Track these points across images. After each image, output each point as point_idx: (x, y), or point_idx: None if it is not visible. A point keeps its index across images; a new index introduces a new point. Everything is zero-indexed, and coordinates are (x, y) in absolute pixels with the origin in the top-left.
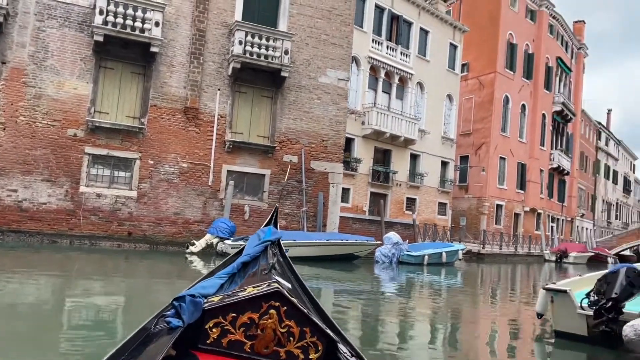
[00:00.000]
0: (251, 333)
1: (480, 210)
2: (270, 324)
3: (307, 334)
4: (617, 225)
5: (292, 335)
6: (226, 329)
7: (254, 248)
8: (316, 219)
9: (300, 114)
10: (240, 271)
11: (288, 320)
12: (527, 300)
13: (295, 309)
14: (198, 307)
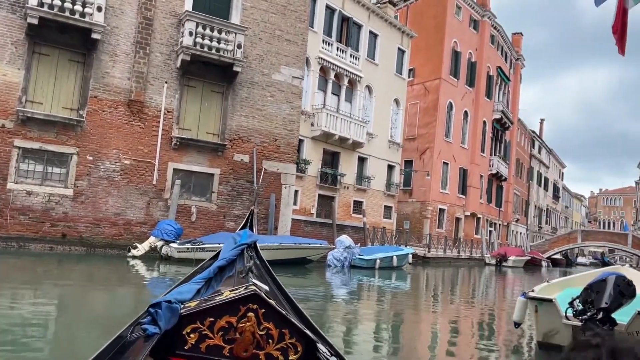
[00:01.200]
0: (230, 337)
1: (424, 214)
2: (249, 327)
3: (286, 335)
4: (547, 230)
5: (271, 337)
6: (204, 334)
7: (230, 252)
8: (267, 221)
9: (252, 111)
10: (217, 275)
11: (266, 323)
12: (492, 307)
13: (273, 311)
14: (175, 313)
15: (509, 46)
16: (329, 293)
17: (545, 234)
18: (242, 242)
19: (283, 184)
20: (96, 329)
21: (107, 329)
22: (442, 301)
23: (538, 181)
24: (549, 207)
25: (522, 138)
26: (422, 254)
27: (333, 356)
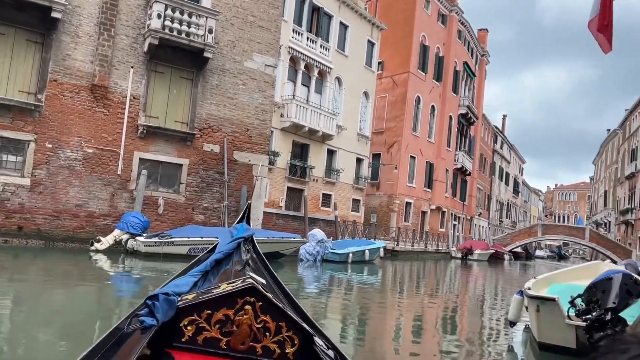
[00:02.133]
0: (227, 329)
1: (391, 208)
2: (246, 319)
3: (283, 328)
4: (507, 224)
5: (268, 330)
6: (201, 327)
7: (226, 245)
8: (238, 214)
9: (223, 99)
10: (214, 269)
11: (263, 316)
12: (479, 303)
13: (270, 304)
14: (172, 306)
15: (475, 42)
16: (301, 288)
17: (506, 228)
18: (239, 235)
19: (254, 176)
20: (53, 329)
21: (65, 329)
22: (423, 296)
23: (500, 176)
24: (510, 201)
25: (485, 133)
26: (391, 247)
27: (330, 349)
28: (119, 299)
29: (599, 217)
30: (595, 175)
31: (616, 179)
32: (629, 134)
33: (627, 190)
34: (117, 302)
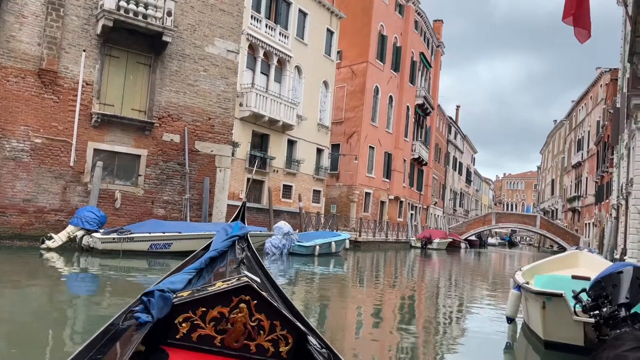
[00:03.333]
0: (221, 327)
1: (351, 198)
2: (241, 317)
3: (277, 327)
4: (461, 213)
5: (263, 328)
6: (196, 324)
7: (221, 243)
8: (201, 207)
9: (183, 86)
10: (208, 266)
11: (258, 314)
12: (467, 298)
13: (265, 302)
14: (167, 302)
15: (430, 32)
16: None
17: (459, 217)
18: (233, 233)
19: (217, 167)
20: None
21: (13, 334)
22: (398, 287)
23: (454, 166)
24: (463, 190)
25: (440, 124)
26: (353, 238)
27: (324, 349)
28: (74, 300)
29: (546, 205)
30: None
31: (563, 168)
32: (575, 124)
33: (573, 178)
34: (72, 303)
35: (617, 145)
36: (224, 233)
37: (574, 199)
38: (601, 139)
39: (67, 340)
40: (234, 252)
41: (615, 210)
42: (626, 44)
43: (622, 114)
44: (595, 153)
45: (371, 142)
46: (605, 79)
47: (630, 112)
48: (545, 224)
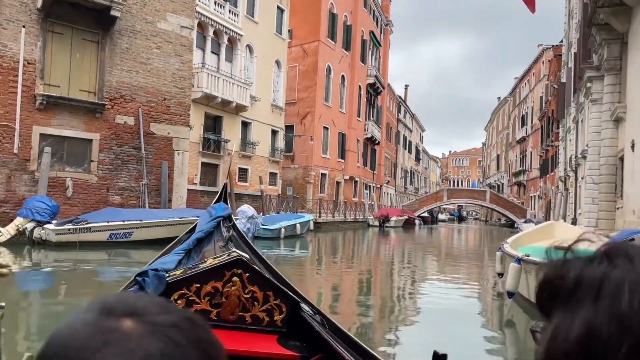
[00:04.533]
0: (216, 301)
1: (307, 180)
2: (234, 290)
3: (270, 297)
4: (411, 191)
5: (256, 299)
6: (191, 300)
7: (206, 224)
8: (159, 193)
9: (135, 65)
10: (196, 247)
11: (251, 286)
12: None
13: (257, 274)
14: (162, 281)
15: (379, 11)
16: None
17: (410, 194)
18: (217, 214)
19: (175, 150)
20: None
21: None
22: (372, 264)
23: (404, 145)
24: (412, 168)
25: (390, 103)
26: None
27: (317, 314)
28: (25, 299)
29: (492, 180)
30: (487, 140)
31: (508, 143)
32: (518, 100)
33: (518, 153)
34: (22, 303)
35: (563, 119)
36: (208, 215)
37: (519, 173)
38: (545, 114)
39: (18, 346)
40: (220, 232)
41: (563, 182)
42: (571, 20)
43: (567, 88)
44: (539, 128)
45: (325, 122)
46: (548, 55)
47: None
48: (494, 198)
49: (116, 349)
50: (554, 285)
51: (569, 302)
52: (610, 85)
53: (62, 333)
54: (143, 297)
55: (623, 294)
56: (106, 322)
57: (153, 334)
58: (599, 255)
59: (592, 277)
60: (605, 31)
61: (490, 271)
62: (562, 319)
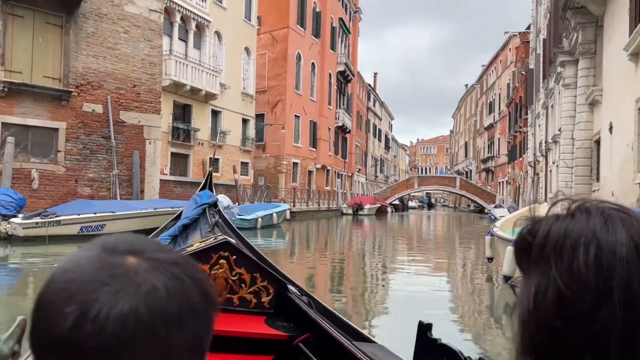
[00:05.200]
0: None
1: (279, 169)
2: (222, 273)
3: (257, 279)
4: (381, 179)
5: (244, 281)
6: None
7: (192, 211)
8: (131, 184)
9: (102, 50)
10: (182, 233)
11: (238, 268)
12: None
13: (244, 257)
14: None
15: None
16: None
17: (380, 182)
18: (203, 202)
19: (147, 139)
20: None
21: None
22: (353, 251)
23: (374, 133)
24: (382, 157)
25: (360, 91)
26: (290, 208)
27: (304, 296)
28: None
29: (460, 167)
30: (455, 128)
31: (475, 130)
32: (486, 88)
33: (486, 140)
34: None
35: (531, 105)
36: (193, 202)
37: (487, 159)
38: (512, 101)
39: None
40: (205, 218)
41: (532, 167)
42: (539, 6)
43: (536, 74)
44: (507, 114)
45: (296, 110)
46: (515, 42)
47: (549, 71)
48: (464, 185)
49: (123, 283)
50: (527, 242)
51: (540, 260)
52: (585, 69)
53: (66, 269)
54: (141, 237)
55: (579, 250)
56: (111, 258)
57: (157, 269)
58: (566, 212)
59: (556, 232)
60: (580, 15)
61: (472, 254)
62: (538, 281)
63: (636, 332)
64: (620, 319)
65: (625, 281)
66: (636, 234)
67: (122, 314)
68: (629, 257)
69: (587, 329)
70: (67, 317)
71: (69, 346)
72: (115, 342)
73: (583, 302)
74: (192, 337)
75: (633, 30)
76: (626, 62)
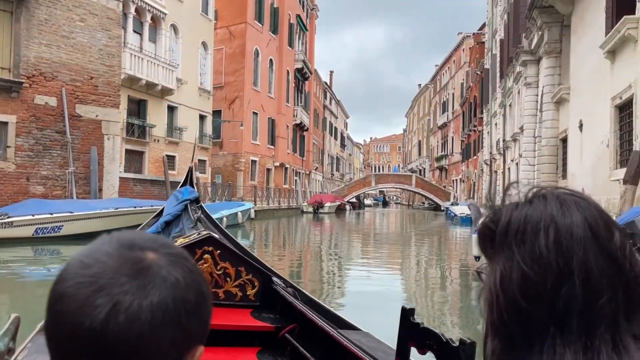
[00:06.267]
0: None
1: (237, 167)
2: (206, 268)
3: (242, 272)
4: (337, 177)
5: (229, 275)
6: None
7: (174, 207)
8: (89, 182)
9: (56, 39)
10: (164, 230)
11: (223, 263)
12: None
13: (228, 251)
14: None
15: None
16: None
17: (336, 180)
18: (185, 198)
19: (105, 135)
20: None
21: None
22: (324, 250)
23: (330, 131)
24: (338, 155)
25: (317, 89)
26: (253, 207)
27: (289, 287)
28: None
29: (414, 165)
30: (408, 127)
31: (429, 129)
32: (439, 87)
33: (440, 139)
34: None
35: (487, 104)
36: (174, 199)
37: (441, 157)
38: (467, 100)
39: None
40: (188, 214)
41: (488, 165)
42: (494, 7)
43: (493, 74)
44: (460, 114)
45: (254, 107)
46: (468, 43)
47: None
48: (420, 183)
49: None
50: (490, 230)
51: (504, 245)
52: (550, 67)
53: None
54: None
55: (540, 234)
56: (132, 253)
57: (175, 264)
58: (524, 200)
59: (517, 218)
60: (546, 14)
61: (442, 248)
62: (503, 266)
63: (594, 305)
64: (580, 295)
65: (583, 260)
66: (589, 216)
67: (153, 304)
68: (585, 238)
69: (551, 306)
70: (99, 308)
71: (101, 336)
72: (146, 331)
73: (546, 282)
74: (204, 323)
75: (610, 29)
76: (601, 60)
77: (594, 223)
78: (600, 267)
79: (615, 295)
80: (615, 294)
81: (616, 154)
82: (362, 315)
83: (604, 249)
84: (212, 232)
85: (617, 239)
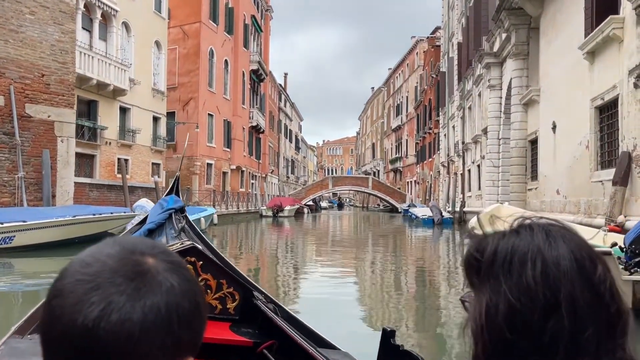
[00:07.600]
0: None
1: (192, 170)
2: None
3: (223, 285)
4: (293, 180)
5: (210, 287)
6: None
7: (158, 216)
8: (40, 188)
9: (3, 33)
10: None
11: (204, 274)
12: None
13: (210, 262)
14: None
15: None
16: None
17: (292, 183)
18: (169, 207)
19: (59, 137)
20: None
21: None
22: (287, 254)
23: (285, 133)
24: (293, 157)
25: (272, 91)
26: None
27: (270, 303)
28: None
29: (368, 167)
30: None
31: (383, 132)
32: (393, 90)
33: (394, 141)
34: None
35: (444, 107)
36: (159, 207)
37: (395, 160)
38: (421, 103)
39: None
40: (172, 224)
41: (445, 167)
42: (450, 10)
43: (449, 77)
44: (414, 117)
45: (210, 109)
46: (422, 47)
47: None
48: (376, 185)
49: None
50: (475, 259)
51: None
52: (518, 69)
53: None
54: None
55: (527, 265)
56: (132, 256)
57: (172, 270)
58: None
59: (504, 249)
60: (514, 16)
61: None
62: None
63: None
64: (567, 328)
65: (570, 292)
66: (575, 248)
67: (145, 307)
68: (571, 270)
69: (537, 339)
70: (93, 306)
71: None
72: (136, 331)
73: (533, 313)
74: (196, 334)
75: (590, 30)
76: (578, 61)
77: (579, 255)
78: (586, 300)
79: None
80: (598, 327)
81: (597, 155)
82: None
83: (589, 281)
84: (195, 243)
85: (600, 271)
